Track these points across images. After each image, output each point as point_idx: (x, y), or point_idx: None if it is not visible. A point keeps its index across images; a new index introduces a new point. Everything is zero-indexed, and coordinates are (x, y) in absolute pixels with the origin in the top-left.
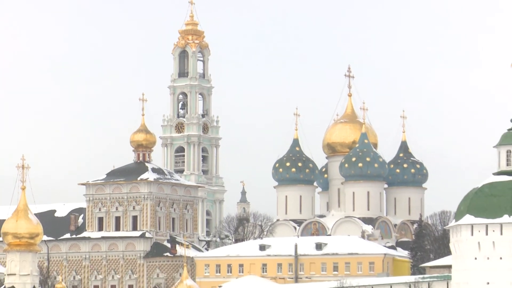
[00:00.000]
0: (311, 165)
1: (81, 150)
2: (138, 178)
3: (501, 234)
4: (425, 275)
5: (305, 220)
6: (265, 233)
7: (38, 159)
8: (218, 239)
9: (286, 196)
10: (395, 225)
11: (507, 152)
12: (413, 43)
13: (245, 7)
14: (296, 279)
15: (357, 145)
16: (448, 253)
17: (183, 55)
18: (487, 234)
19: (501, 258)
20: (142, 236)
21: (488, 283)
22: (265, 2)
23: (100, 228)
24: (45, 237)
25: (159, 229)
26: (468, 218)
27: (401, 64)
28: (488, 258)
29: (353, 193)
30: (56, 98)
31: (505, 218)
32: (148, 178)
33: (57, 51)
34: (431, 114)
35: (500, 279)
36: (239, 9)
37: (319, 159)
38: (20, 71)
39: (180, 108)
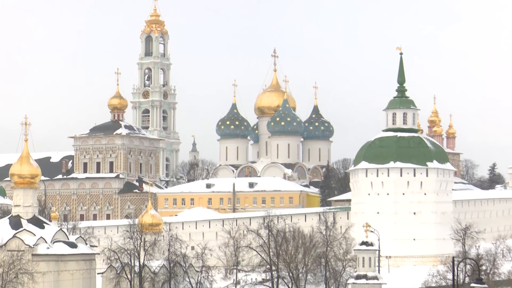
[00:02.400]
0: (245, 123)
1: (71, 111)
2: (114, 133)
3: (388, 176)
4: (331, 207)
5: (241, 165)
6: (210, 175)
7: (37, 117)
8: (174, 179)
9: (226, 147)
10: (309, 169)
11: (393, 114)
12: (324, 30)
13: (197, 3)
14: (234, 210)
15: (280, 109)
16: (348, 190)
17: (148, 39)
18: (377, 176)
19: (387, 194)
20: (117, 177)
21: (378, 212)
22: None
23: (85, 171)
24: (42, 177)
25: (130, 171)
26: (364, 164)
27: (315, 47)
28: (378, 194)
29: (277, 145)
30: (51, 72)
31: (391, 164)
32: (121, 133)
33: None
34: (337, 85)
35: (387, 209)
36: (192, 4)
37: (252, 119)
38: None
39: (146, 80)
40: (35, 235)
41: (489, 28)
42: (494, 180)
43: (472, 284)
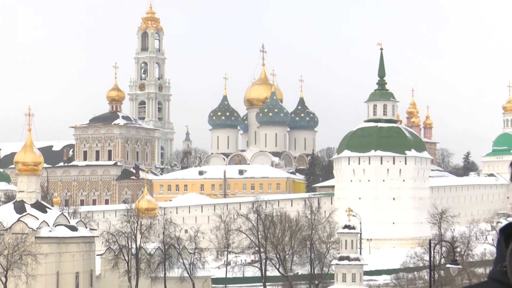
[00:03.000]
0: (235, 114)
1: (72, 103)
2: (112, 123)
3: (369, 163)
4: (316, 193)
5: (231, 153)
6: (202, 162)
7: (40, 108)
8: (169, 167)
9: (218, 137)
10: (295, 157)
11: (374, 106)
12: (309, 27)
13: (191, 1)
14: (225, 195)
15: (268, 101)
16: (332, 177)
17: (144, 35)
18: (359, 163)
19: (368, 180)
20: (115, 164)
21: (359, 198)
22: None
23: (85, 159)
24: (45, 165)
25: (127, 159)
26: (346, 152)
27: (301, 43)
28: (360, 181)
29: (265, 134)
30: (53, 67)
31: (372, 152)
32: (119, 123)
33: (49, 34)
34: (321, 79)
35: (368, 195)
36: (186, 2)
37: (241, 110)
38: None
39: (142, 73)
40: (38, 219)
41: (466, 23)
42: (468, 167)
43: (448, 265)
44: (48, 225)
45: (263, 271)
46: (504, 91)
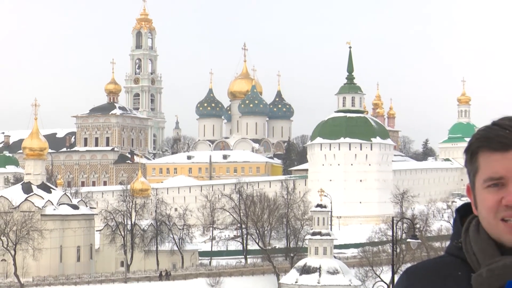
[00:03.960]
0: (220, 105)
1: (74, 95)
2: (110, 113)
3: (339, 149)
4: (291, 175)
5: (216, 140)
6: (190, 148)
7: (45, 100)
8: (160, 152)
9: (204, 125)
10: (273, 143)
11: (343, 98)
12: (286, 26)
13: (181, 4)
14: (210, 178)
15: (249, 93)
16: (306, 161)
17: (138, 34)
18: (330, 149)
19: (338, 164)
20: (112, 150)
21: (330, 180)
22: (192, 2)
23: (85, 145)
24: (50, 150)
25: (123, 145)
26: (319, 140)
27: (278, 41)
28: (330, 165)
29: (247, 123)
30: (58, 62)
31: (341, 139)
32: (116, 113)
33: (55, 33)
34: (296, 74)
35: (338, 177)
36: (176, 5)
37: (225, 101)
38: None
39: (137, 68)
40: (43, 198)
41: (425, 26)
42: (426, 153)
43: (408, 239)
44: (53, 204)
45: (245, 245)
46: (459, 85)
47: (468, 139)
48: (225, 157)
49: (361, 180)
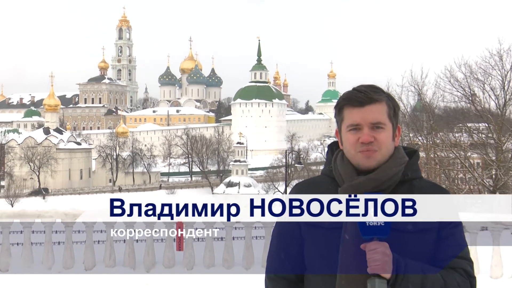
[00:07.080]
0: (174, 77)
1: (78, 69)
2: (101, 82)
3: (252, 106)
4: (221, 123)
5: (172, 100)
6: (155, 106)
7: (58, 72)
8: (135, 108)
9: (164, 90)
10: (209, 102)
11: (254, 73)
12: (217, 25)
13: (149, 11)
14: (168, 125)
15: (193, 69)
16: (230, 114)
17: (120, 30)
18: (246, 106)
19: (251, 116)
20: (103, 106)
21: (246, 126)
22: (156, 9)
23: (85, 103)
24: (61, 106)
25: (111, 103)
26: (239, 100)
27: (213, 35)
28: (246, 117)
29: (191, 89)
30: (67, 48)
31: (253, 100)
32: (106, 82)
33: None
34: (226, 57)
35: (251, 125)
36: (146, 12)
37: (178, 75)
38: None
39: (119, 52)
40: (57, 138)
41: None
42: (308, 109)
43: (296, 165)
44: (64, 142)
45: (190, 168)
46: (328, 66)
47: (335, 101)
48: (177, 111)
49: (266, 127)
